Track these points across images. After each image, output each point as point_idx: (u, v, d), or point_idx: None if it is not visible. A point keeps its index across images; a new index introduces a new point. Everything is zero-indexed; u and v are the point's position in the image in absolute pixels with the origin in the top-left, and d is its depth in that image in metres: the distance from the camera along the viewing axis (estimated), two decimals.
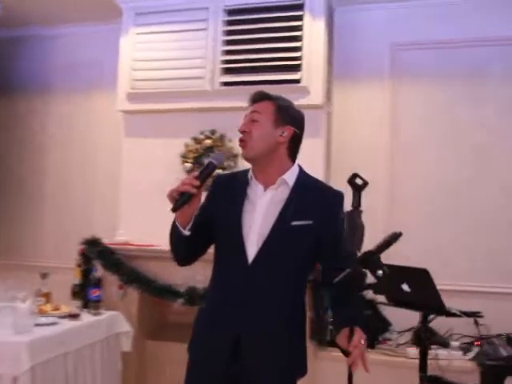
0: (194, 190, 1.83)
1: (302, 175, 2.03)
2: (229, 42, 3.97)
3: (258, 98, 2.02)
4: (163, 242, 3.33)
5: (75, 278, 3.67)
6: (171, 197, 1.84)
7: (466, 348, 3.45)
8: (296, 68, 3.82)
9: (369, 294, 3.33)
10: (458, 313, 2.29)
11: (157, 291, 3.72)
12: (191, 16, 4.04)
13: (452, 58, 4.01)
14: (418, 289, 2.00)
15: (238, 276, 1.94)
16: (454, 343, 3.49)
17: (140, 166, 4.13)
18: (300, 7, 3.84)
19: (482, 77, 3.97)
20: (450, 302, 2.74)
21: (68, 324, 3.10)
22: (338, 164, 4.01)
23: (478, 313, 2.83)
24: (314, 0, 3.83)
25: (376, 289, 2.12)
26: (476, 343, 3.37)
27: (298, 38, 3.82)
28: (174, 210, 1.84)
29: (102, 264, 3.78)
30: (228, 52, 3.97)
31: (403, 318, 3.50)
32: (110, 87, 4.38)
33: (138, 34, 4.14)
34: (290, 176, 2.00)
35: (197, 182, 1.83)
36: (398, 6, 4.07)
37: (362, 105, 4.16)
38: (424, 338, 2.23)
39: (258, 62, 3.88)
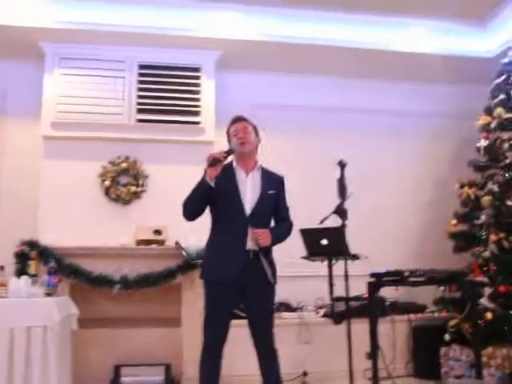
0: (223, 158, 3.03)
1: (261, 165, 3.39)
2: (142, 89, 5.19)
3: (241, 119, 3.35)
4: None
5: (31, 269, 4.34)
6: (210, 159, 2.98)
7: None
8: (196, 113, 5.22)
9: None
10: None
11: (96, 281, 4.57)
12: (111, 66, 5.16)
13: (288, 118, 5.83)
14: (332, 242, 3.38)
15: (240, 223, 3.14)
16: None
17: (60, 184, 4.95)
18: (198, 69, 5.30)
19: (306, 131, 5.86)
20: None
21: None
22: None
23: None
24: (207, 64, 5.33)
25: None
26: None
27: (197, 92, 5.26)
28: (210, 166, 2.97)
29: (43, 261, 4.49)
30: (142, 96, 5.17)
31: None
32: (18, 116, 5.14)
33: (62, 74, 5.06)
34: (259, 165, 3.36)
35: (224, 154, 3.05)
36: (261, 76, 5.75)
37: None
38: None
39: (167, 106, 5.17)
